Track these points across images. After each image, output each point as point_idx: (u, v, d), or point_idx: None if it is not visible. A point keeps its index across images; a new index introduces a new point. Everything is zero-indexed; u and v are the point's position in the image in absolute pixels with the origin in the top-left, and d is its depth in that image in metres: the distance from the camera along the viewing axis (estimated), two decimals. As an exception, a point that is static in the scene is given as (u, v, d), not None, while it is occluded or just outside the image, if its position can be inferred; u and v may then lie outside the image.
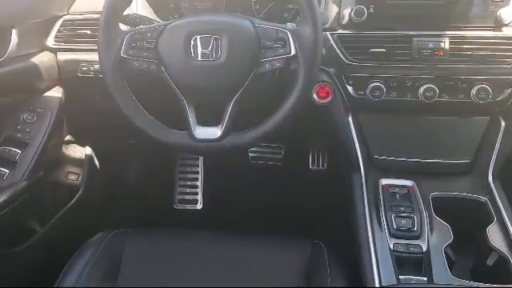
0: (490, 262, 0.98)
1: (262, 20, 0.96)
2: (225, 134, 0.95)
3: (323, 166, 1.80)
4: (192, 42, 0.92)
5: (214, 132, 0.95)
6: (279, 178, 1.80)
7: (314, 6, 0.91)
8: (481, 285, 0.90)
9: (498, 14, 1.02)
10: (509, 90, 1.06)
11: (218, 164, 1.80)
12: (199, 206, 1.81)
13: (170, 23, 0.94)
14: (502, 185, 1.12)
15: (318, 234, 1.14)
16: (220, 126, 0.95)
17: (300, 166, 1.80)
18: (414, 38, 1.05)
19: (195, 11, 1.29)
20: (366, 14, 1.06)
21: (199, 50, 0.92)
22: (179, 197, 1.82)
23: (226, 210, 1.75)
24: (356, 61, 1.09)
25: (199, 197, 1.82)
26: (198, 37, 0.92)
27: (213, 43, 0.92)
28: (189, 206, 1.81)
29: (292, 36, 0.92)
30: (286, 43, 0.92)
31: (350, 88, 1.11)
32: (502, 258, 0.96)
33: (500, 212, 1.04)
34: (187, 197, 1.82)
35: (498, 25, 1.04)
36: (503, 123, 1.12)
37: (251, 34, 0.92)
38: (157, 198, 1.80)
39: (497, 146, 1.12)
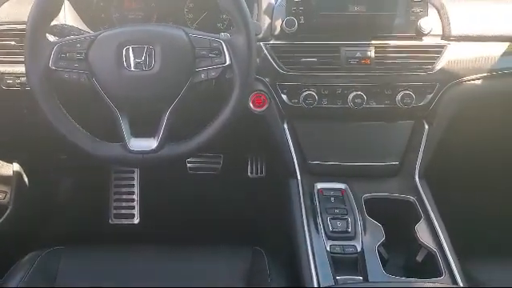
0: (419, 258, 1.03)
1: (196, 30, 0.96)
2: (161, 145, 0.94)
3: (261, 173, 1.82)
4: (124, 52, 0.91)
5: (150, 143, 0.94)
6: (218, 188, 1.80)
7: (247, 17, 0.93)
8: (411, 280, 0.95)
9: (418, 24, 1.09)
10: (430, 96, 1.13)
11: (155, 176, 1.77)
12: (136, 221, 1.76)
13: (100, 33, 0.92)
14: (428, 184, 1.19)
15: (259, 240, 1.15)
16: (156, 137, 0.94)
17: (239, 174, 1.81)
18: (342, 48, 1.10)
19: (126, 21, 1.28)
20: (296, 25, 1.09)
21: (132, 60, 0.91)
22: (115, 211, 1.77)
23: (164, 223, 1.72)
24: (289, 70, 1.12)
25: (136, 211, 1.78)
26: (131, 47, 0.91)
27: (146, 53, 0.91)
28: (125, 221, 1.76)
29: (226, 45, 0.93)
30: (220, 53, 0.93)
31: (284, 96, 1.14)
32: (430, 254, 1.02)
33: (427, 210, 1.11)
34: (123, 211, 1.77)
35: (419, 34, 1.10)
36: (426, 126, 1.19)
37: (185, 43, 0.92)
38: (91, 213, 1.74)
39: (421, 148, 1.19)
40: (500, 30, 1.15)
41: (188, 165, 1.80)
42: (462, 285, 0.94)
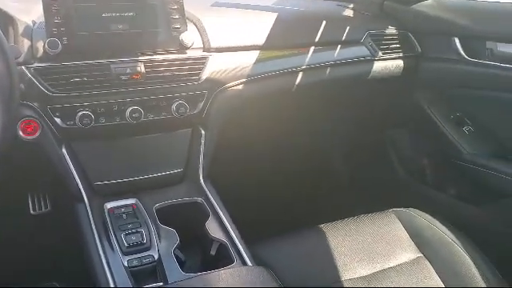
0: (213, 251, 1.11)
1: None
2: None
3: (46, 207, 1.69)
4: None
5: None
6: None
7: (1, 40, 0.88)
8: (207, 273, 1.02)
9: (180, 38, 1.16)
10: (201, 104, 1.22)
11: None
12: None
13: None
14: (212, 184, 1.28)
15: (55, 275, 1.08)
16: None
17: (19, 214, 1.64)
18: (112, 65, 1.10)
19: None
20: (60, 46, 1.05)
21: None
22: None
23: None
24: (59, 92, 1.07)
25: None
26: None
27: None
28: None
29: None
30: None
31: (58, 120, 1.09)
32: (222, 246, 1.11)
33: (214, 207, 1.20)
34: None
35: (182, 48, 1.17)
36: (203, 132, 1.28)
37: None
38: None
39: (201, 152, 1.28)
40: (251, 41, 1.32)
41: None
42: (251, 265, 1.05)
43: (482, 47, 1.46)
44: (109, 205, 1.15)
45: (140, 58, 1.13)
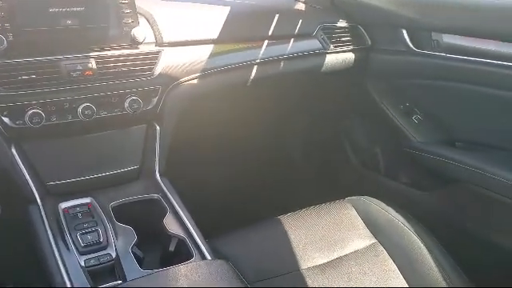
0: (172, 247, 1.11)
1: None
2: None
3: (-5, 211, 1.63)
4: None
5: None
6: None
7: None
8: (165, 269, 1.01)
9: (132, 34, 1.14)
10: (155, 99, 1.21)
11: None
12: None
13: None
14: (169, 180, 1.28)
15: (9, 278, 1.05)
16: None
17: None
18: (62, 62, 1.07)
19: None
20: (5, 43, 1.02)
21: None
22: None
23: None
24: (6, 90, 1.04)
25: None
26: None
27: None
28: None
29: None
30: None
31: (5, 119, 1.06)
32: (180, 241, 1.11)
33: (171, 203, 1.19)
34: None
35: (134, 43, 1.15)
36: (158, 128, 1.26)
37: None
38: None
39: (157, 148, 1.27)
40: (204, 34, 1.31)
41: None
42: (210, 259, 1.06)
43: (428, 38, 1.51)
44: (63, 205, 1.13)
45: (91, 53, 1.11)
